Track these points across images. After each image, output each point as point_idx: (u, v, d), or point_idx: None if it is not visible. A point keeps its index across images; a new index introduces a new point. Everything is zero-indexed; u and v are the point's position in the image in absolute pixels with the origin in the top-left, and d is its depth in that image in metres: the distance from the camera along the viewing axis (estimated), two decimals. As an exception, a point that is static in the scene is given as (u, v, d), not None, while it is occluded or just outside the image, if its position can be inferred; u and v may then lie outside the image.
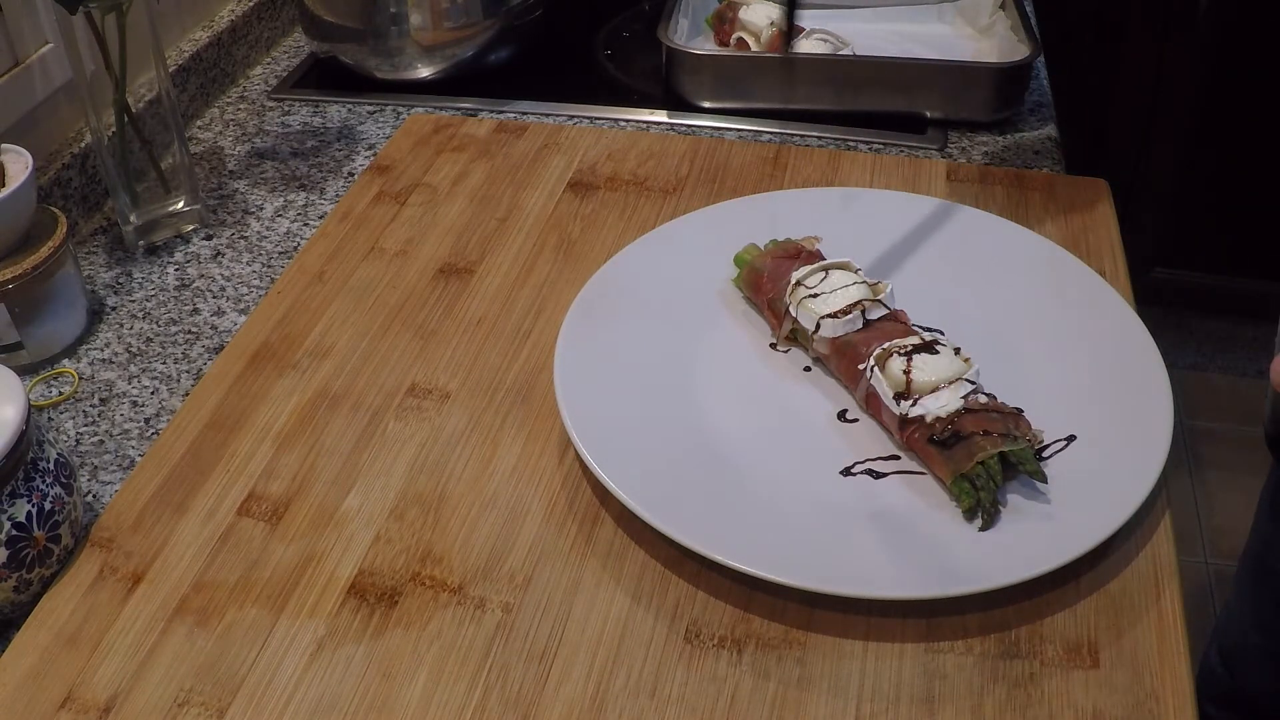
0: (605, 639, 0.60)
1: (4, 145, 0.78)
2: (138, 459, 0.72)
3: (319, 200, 0.95)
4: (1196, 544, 1.87)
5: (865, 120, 1.01)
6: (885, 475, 0.67)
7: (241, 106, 1.09)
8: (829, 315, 0.71)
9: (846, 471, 0.67)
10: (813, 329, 0.72)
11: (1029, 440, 0.65)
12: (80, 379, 0.78)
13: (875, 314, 0.71)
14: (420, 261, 0.86)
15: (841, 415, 0.71)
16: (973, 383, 0.67)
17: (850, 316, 0.71)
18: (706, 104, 1.04)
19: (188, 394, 0.76)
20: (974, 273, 0.79)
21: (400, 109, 1.06)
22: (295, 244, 0.90)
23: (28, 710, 0.57)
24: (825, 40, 1.04)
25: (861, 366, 0.69)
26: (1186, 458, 2.00)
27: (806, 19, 1.09)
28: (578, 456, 0.68)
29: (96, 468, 0.72)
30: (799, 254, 0.77)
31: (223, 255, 0.89)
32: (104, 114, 0.84)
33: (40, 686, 0.58)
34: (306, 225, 0.92)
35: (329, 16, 1.06)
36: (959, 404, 0.65)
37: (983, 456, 0.63)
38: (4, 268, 0.75)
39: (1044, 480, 0.63)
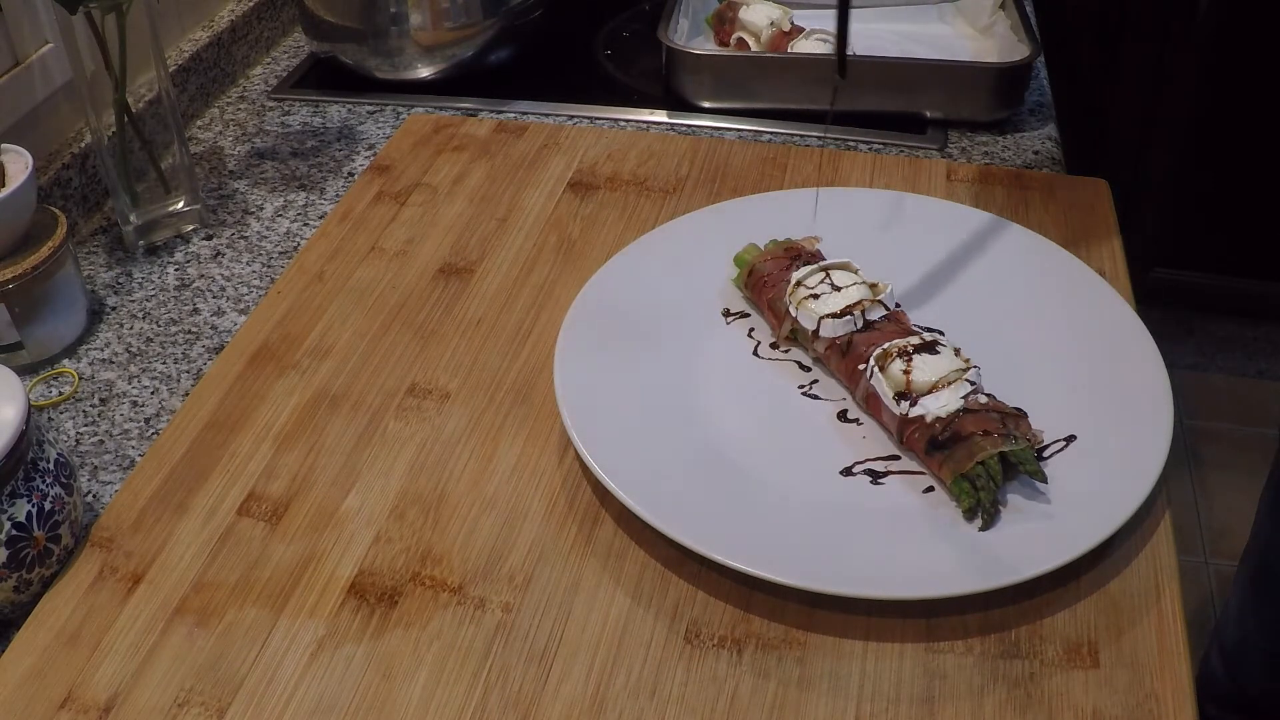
0: (605, 639, 0.60)
1: (4, 145, 0.78)
2: (138, 459, 0.72)
3: (319, 200, 0.95)
4: (1196, 544, 1.87)
5: (865, 120, 1.01)
6: (885, 475, 0.67)
7: (241, 106, 1.09)
8: (829, 315, 0.71)
9: (846, 471, 0.67)
10: (813, 329, 0.72)
11: (1029, 440, 0.65)
12: (80, 379, 0.78)
13: (875, 314, 0.71)
14: (420, 261, 0.86)
15: (841, 415, 0.71)
16: (973, 383, 0.67)
17: (850, 317, 0.71)
18: (706, 104, 1.04)
19: (188, 394, 0.76)
20: (974, 272, 0.79)
21: (400, 109, 1.06)
22: (295, 244, 0.90)
23: (28, 710, 0.57)
24: (825, 40, 1.04)
25: (862, 367, 0.69)
26: (1186, 458, 2.00)
27: (806, 19, 1.09)
28: (578, 456, 0.68)
29: (96, 468, 0.72)
30: (799, 254, 0.77)
31: (223, 255, 0.89)
32: (104, 114, 0.84)
33: (40, 686, 0.58)
34: (306, 225, 0.92)
35: (329, 16, 1.06)
36: (959, 404, 0.65)
37: (983, 456, 0.63)
38: (4, 268, 0.75)
39: (1044, 480, 0.63)
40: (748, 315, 0.78)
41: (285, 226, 0.92)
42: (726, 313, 0.78)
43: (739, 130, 1.01)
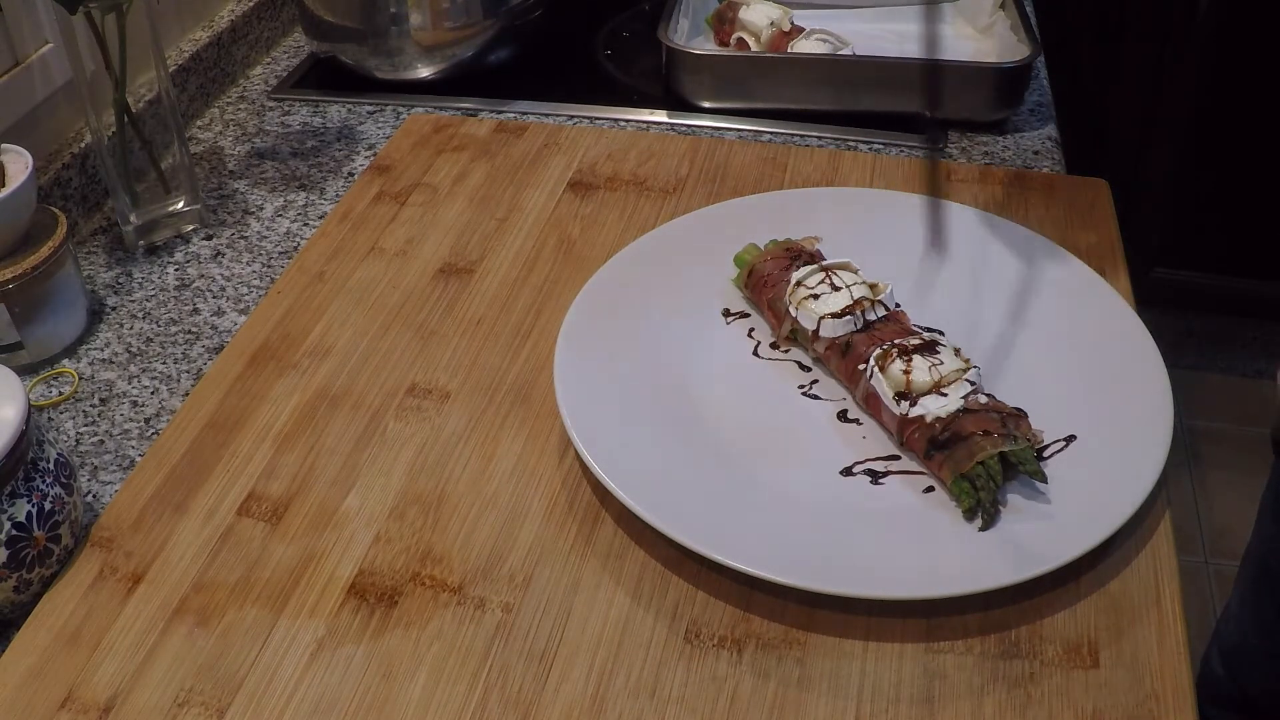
0: (605, 639, 0.60)
1: (4, 145, 0.78)
2: (138, 459, 0.72)
3: (319, 200, 0.95)
4: (1196, 544, 1.87)
5: (865, 120, 1.01)
6: (885, 475, 0.67)
7: (241, 106, 1.09)
8: (829, 315, 0.71)
9: (846, 471, 0.67)
10: (813, 329, 0.72)
11: (1029, 440, 0.65)
12: (80, 379, 0.78)
13: (875, 314, 0.71)
14: (420, 261, 0.86)
15: (841, 415, 0.71)
16: (973, 383, 0.67)
17: (850, 317, 0.71)
18: (706, 104, 1.04)
19: (188, 394, 0.76)
20: (974, 273, 0.79)
21: (400, 109, 1.06)
22: (295, 244, 0.90)
23: (28, 710, 0.57)
24: (825, 40, 1.04)
25: (862, 367, 0.69)
26: (1186, 458, 2.00)
27: (806, 19, 1.09)
28: (578, 456, 0.68)
29: (96, 468, 0.72)
30: (799, 254, 0.77)
31: (223, 255, 0.89)
32: (104, 114, 0.84)
33: (40, 686, 0.58)
34: (306, 225, 0.92)
35: (329, 16, 1.06)
36: (959, 404, 0.65)
37: (983, 456, 0.63)
38: (4, 268, 0.75)
39: (1044, 480, 0.63)
40: (748, 315, 0.78)
41: (285, 226, 0.92)
42: (726, 313, 0.78)
43: (739, 130, 1.01)
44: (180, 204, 0.91)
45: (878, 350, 0.69)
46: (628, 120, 1.04)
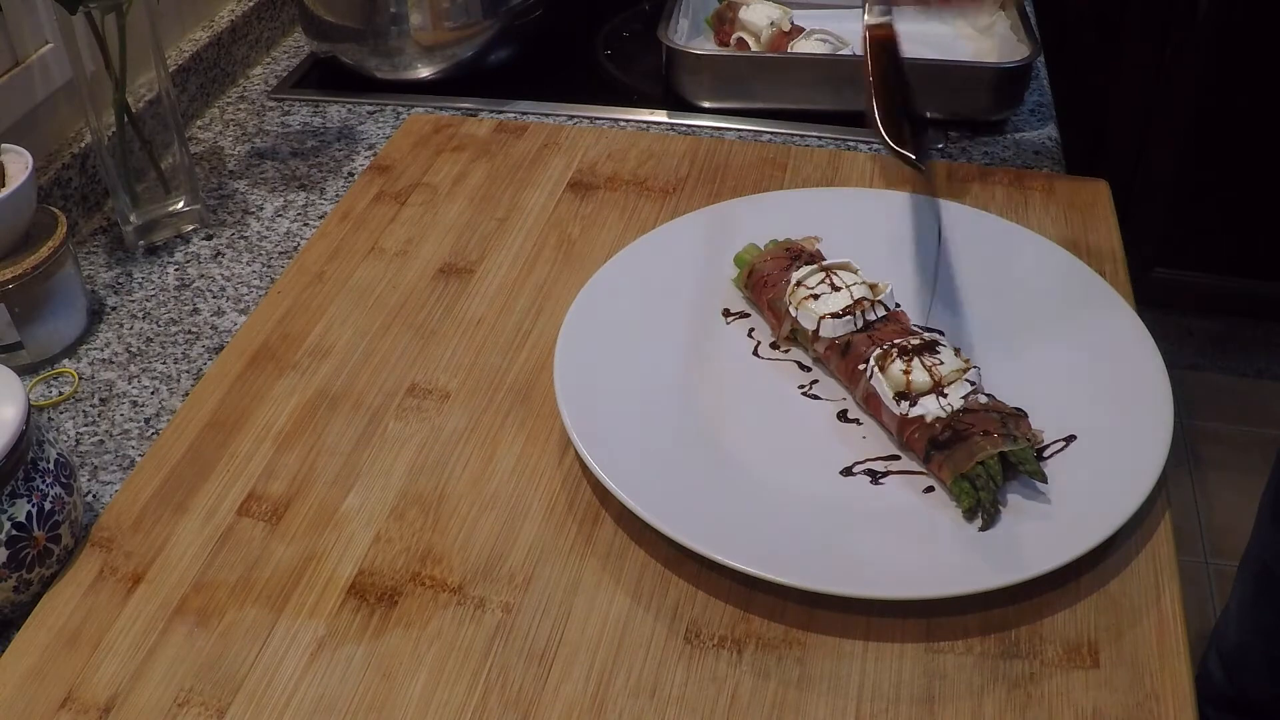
0: (605, 639, 0.60)
1: (4, 145, 0.78)
2: (138, 459, 0.72)
3: (319, 200, 0.95)
4: (1196, 544, 1.87)
5: (865, 120, 1.01)
6: (885, 475, 0.67)
7: (241, 106, 1.09)
8: (829, 315, 0.71)
9: (846, 471, 0.67)
10: (813, 329, 0.72)
11: (1029, 440, 0.65)
12: (80, 379, 0.78)
13: (875, 314, 0.71)
14: (420, 261, 0.86)
15: (842, 415, 0.71)
16: (973, 383, 0.67)
17: (850, 317, 0.71)
18: (706, 104, 1.04)
19: (188, 394, 0.76)
20: (974, 272, 0.79)
21: (400, 109, 1.06)
22: (295, 244, 0.90)
23: (28, 710, 0.57)
24: (825, 40, 1.04)
25: (862, 367, 0.69)
26: (1186, 458, 2.00)
27: (806, 19, 1.09)
28: (578, 456, 0.68)
29: (96, 468, 0.72)
30: (799, 254, 0.77)
31: (223, 255, 0.89)
32: (104, 114, 0.84)
33: (40, 686, 0.58)
34: (306, 225, 0.92)
35: (329, 16, 1.06)
36: (959, 404, 0.65)
37: (983, 456, 0.63)
38: (4, 268, 0.75)
39: (1044, 480, 0.63)
40: (748, 315, 0.78)
41: (285, 226, 0.92)
42: (726, 313, 0.78)
43: (739, 130, 1.01)
44: (180, 204, 0.91)
45: (878, 350, 0.69)
46: (628, 120, 1.04)
